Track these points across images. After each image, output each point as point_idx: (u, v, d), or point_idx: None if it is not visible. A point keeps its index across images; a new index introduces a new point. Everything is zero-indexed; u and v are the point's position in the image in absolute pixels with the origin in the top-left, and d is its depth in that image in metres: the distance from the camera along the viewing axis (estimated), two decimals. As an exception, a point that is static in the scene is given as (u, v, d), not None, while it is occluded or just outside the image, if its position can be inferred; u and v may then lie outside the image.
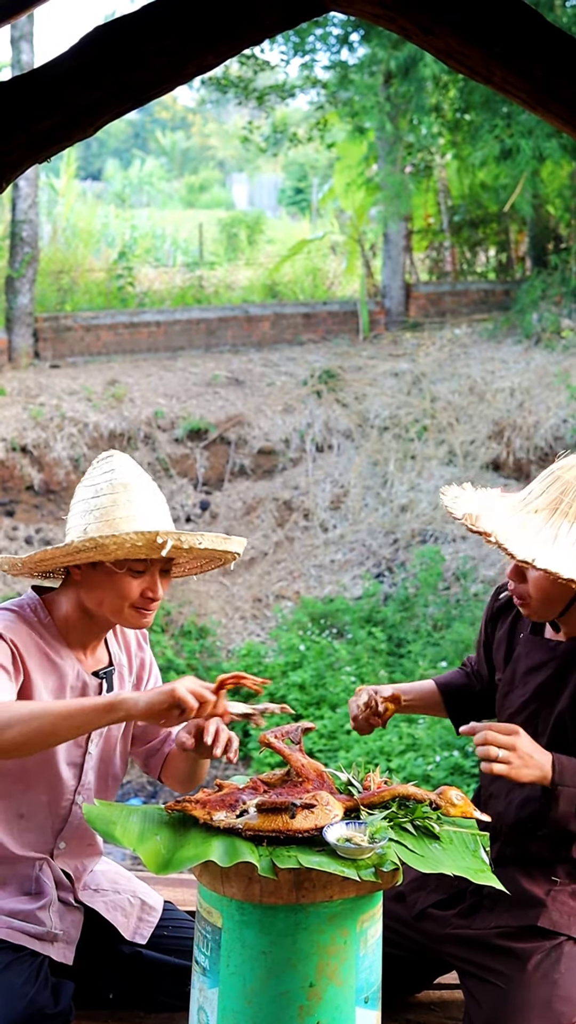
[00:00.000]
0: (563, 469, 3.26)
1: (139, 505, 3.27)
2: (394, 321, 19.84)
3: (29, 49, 17.73)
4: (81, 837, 3.45)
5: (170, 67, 2.41)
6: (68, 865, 3.44)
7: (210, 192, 43.49)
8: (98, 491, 3.30)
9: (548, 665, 3.41)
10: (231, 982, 2.89)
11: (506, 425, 15.87)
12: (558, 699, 3.37)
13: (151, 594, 3.29)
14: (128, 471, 3.34)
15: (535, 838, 3.38)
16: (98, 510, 3.26)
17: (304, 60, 19.57)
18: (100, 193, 35.71)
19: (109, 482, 3.30)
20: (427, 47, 2.39)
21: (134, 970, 3.50)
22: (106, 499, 3.27)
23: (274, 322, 19.55)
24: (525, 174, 17.08)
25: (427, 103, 17.62)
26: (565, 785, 3.16)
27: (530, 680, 3.44)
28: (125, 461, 3.38)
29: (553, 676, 3.40)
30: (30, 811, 3.35)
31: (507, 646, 3.57)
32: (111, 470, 3.34)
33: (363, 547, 15.12)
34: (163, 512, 3.34)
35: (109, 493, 3.27)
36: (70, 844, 3.43)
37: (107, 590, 3.27)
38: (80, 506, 3.33)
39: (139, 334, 18.81)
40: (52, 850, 3.40)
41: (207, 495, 16.09)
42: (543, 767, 3.14)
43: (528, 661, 3.47)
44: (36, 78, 2.43)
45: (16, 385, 16.50)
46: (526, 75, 2.32)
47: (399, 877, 2.90)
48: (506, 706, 3.50)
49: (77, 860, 3.48)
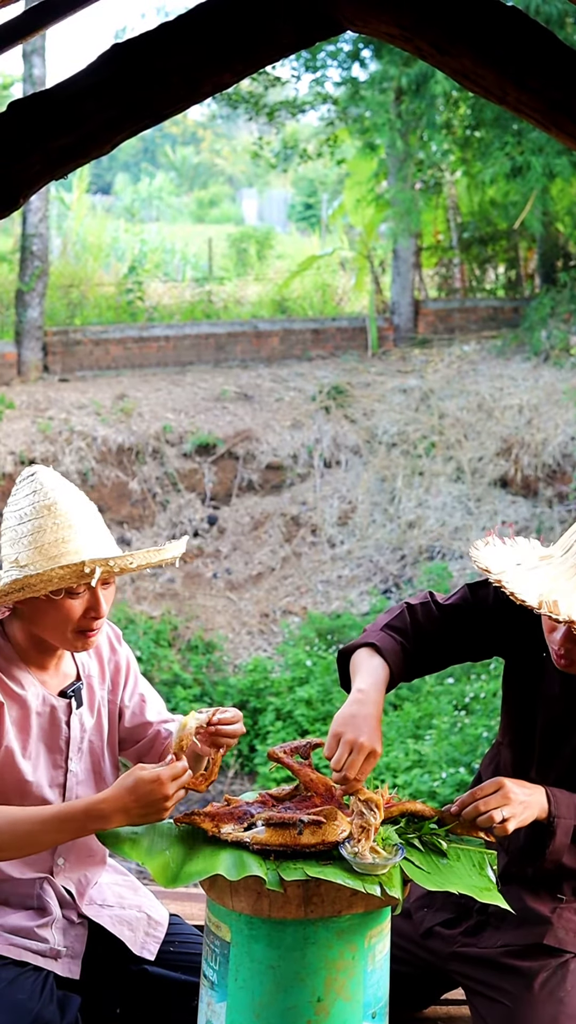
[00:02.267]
0: None
1: (67, 527, 3.16)
2: (403, 337, 19.86)
3: (41, 64, 17.77)
4: (80, 851, 3.42)
5: (187, 85, 2.42)
6: (71, 880, 3.42)
7: (220, 207, 43.56)
8: (23, 516, 3.19)
9: (572, 696, 3.36)
10: (239, 996, 2.89)
11: (514, 442, 15.88)
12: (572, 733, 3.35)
13: (94, 612, 3.20)
14: (51, 490, 3.20)
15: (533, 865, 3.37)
16: (26, 537, 3.16)
17: (315, 76, 19.61)
18: (110, 207, 35.77)
19: (32, 505, 3.18)
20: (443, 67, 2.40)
21: (141, 985, 3.47)
22: (32, 524, 3.17)
23: (283, 337, 19.57)
24: (535, 191, 17.10)
25: (438, 120, 17.65)
26: (561, 817, 3.16)
27: (551, 706, 3.36)
28: (48, 478, 3.23)
29: (569, 708, 3.36)
30: None
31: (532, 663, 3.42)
32: (33, 492, 3.20)
33: (370, 563, 15.11)
34: (93, 528, 3.23)
35: (34, 518, 3.17)
36: (69, 859, 3.41)
37: (49, 615, 3.18)
38: (8, 534, 3.22)
39: (148, 348, 18.84)
40: (51, 868, 3.38)
41: (215, 510, 16.09)
42: (540, 802, 3.15)
43: (551, 686, 3.35)
44: (53, 96, 2.44)
45: (25, 399, 16.53)
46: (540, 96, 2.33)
47: (407, 892, 2.91)
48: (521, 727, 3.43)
49: (79, 873, 3.45)
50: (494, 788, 3.12)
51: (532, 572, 3.13)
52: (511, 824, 3.07)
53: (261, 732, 11.84)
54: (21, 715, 3.27)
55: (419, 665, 3.50)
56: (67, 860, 3.40)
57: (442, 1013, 3.73)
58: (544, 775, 3.34)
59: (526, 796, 3.12)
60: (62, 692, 3.36)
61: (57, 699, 3.33)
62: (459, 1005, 3.70)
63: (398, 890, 2.87)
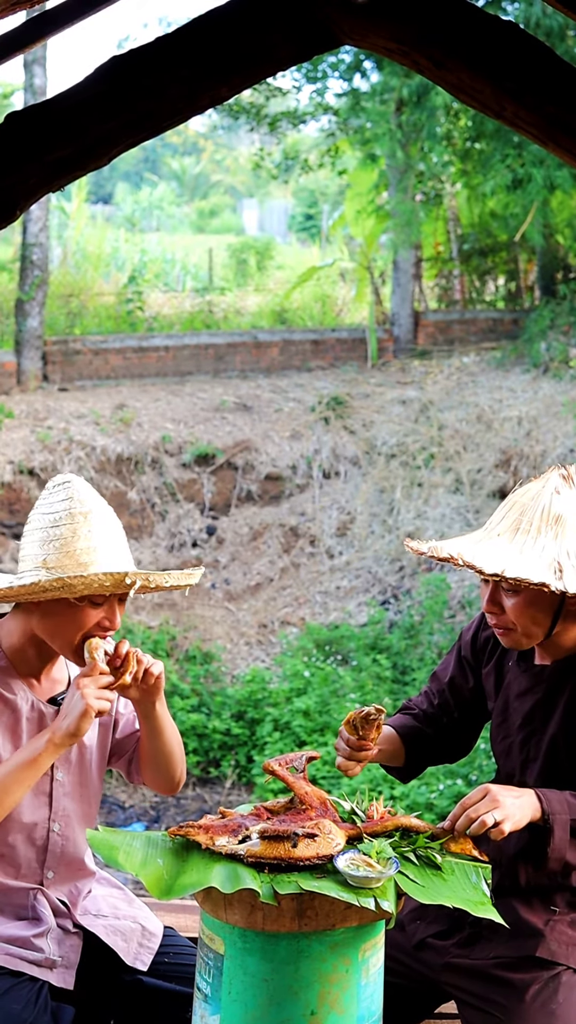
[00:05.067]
0: (518, 495, 3.32)
1: (99, 535, 3.20)
2: (402, 349, 19.87)
3: (42, 73, 17.80)
4: (68, 863, 3.43)
5: (185, 98, 2.42)
6: (62, 891, 3.43)
7: (220, 217, 43.59)
8: (57, 520, 3.20)
9: (536, 690, 3.42)
10: (232, 1009, 2.89)
11: (513, 454, 15.88)
12: (548, 723, 3.38)
13: (108, 623, 3.22)
14: (87, 499, 3.24)
15: (535, 869, 3.38)
16: (57, 540, 3.17)
17: (316, 87, 19.64)
18: (110, 217, 35.83)
19: (68, 511, 3.20)
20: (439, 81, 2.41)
21: (135, 996, 3.47)
22: (65, 529, 3.18)
23: (283, 348, 19.58)
24: (536, 203, 17.12)
25: (438, 131, 17.67)
26: (555, 813, 3.17)
27: (520, 706, 3.45)
28: (83, 487, 3.27)
29: (542, 701, 3.41)
30: (8, 851, 3.34)
31: (496, 675, 3.57)
32: (69, 497, 3.23)
33: (369, 574, 15.11)
34: (122, 542, 3.27)
35: (68, 523, 3.19)
36: (58, 871, 3.41)
37: (65, 619, 3.20)
38: (37, 535, 3.23)
39: (148, 358, 18.84)
40: (41, 880, 3.38)
41: (214, 520, 16.10)
42: (532, 803, 3.16)
43: (517, 687, 3.48)
44: (51, 107, 2.45)
45: (24, 408, 16.53)
46: (537, 110, 2.34)
47: (400, 905, 2.91)
48: (502, 734, 3.51)
49: (70, 884, 3.46)
50: (481, 795, 3.14)
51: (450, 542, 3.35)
52: (506, 826, 3.08)
53: (259, 743, 11.84)
54: (11, 720, 3.27)
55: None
56: (56, 872, 3.40)
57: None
58: (527, 773, 3.40)
59: (515, 799, 3.13)
60: (52, 699, 3.37)
61: (46, 705, 3.34)
62: (452, 1019, 3.69)
63: (392, 903, 2.86)
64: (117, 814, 11.28)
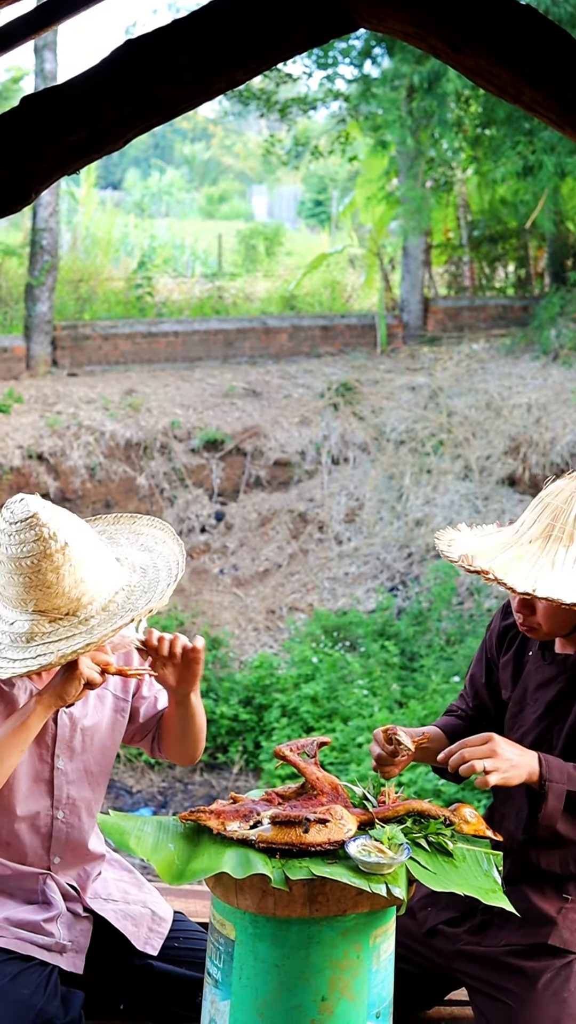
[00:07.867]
0: (551, 495, 3.28)
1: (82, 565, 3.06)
2: (412, 335, 19.83)
3: (52, 58, 17.76)
4: (75, 849, 3.44)
5: (200, 82, 2.41)
6: (70, 875, 3.44)
7: (230, 203, 43.50)
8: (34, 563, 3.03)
9: (558, 679, 3.42)
10: (243, 995, 2.89)
11: (522, 441, 15.85)
12: (569, 712, 3.37)
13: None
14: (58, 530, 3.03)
15: (546, 855, 3.37)
16: (42, 586, 3.04)
17: (327, 73, 19.57)
18: (120, 202, 35.76)
19: (44, 552, 3.02)
20: (457, 66, 2.40)
21: (145, 981, 3.48)
22: (49, 575, 3.03)
23: (292, 334, 19.54)
24: (547, 190, 17.07)
25: (449, 118, 17.61)
26: (553, 781, 3.16)
27: (541, 696, 3.45)
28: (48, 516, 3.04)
29: (564, 690, 3.40)
30: (13, 840, 3.35)
31: (515, 665, 3.57)
32: (38, 538, 3.01)
33: (377, 560, 15.11)
34: (105, 557, 3.17)
35: (49, 566, 3.02)
36: (64, 857, 3.42)
37: None
38: (17, 579, 3.06)
39: (157, 344, 18.82)
40: (49, 865, 3.40)
41: (222, 506, 16.09)
42: (530, 764, 3.15)
43: (538, 677, 3.47)
44: (65, 91, 2.44)
45: (33, 393, 16.52)
46: (555, 96, 2.32)
47: (412, 892, 2.90)
48: (517, 724, 3.50)
49: (78, 869, 3.47)
50: (482, 741, 3.15)
51: (480, 545, 3.33)
52: (492, 778, 3.09)
53: (267, 729, 11.84)
54: (9, 710, 3.27)
55: None
56: (62, 858, 3.41)
57: (446, 1014, 3.72)
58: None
59: (515, 755, 3.14)
60: None
61: None
62: (463, 1006, 3.69)
63: (403, 890, 2.86)
64: (124, 799, 11.29)
